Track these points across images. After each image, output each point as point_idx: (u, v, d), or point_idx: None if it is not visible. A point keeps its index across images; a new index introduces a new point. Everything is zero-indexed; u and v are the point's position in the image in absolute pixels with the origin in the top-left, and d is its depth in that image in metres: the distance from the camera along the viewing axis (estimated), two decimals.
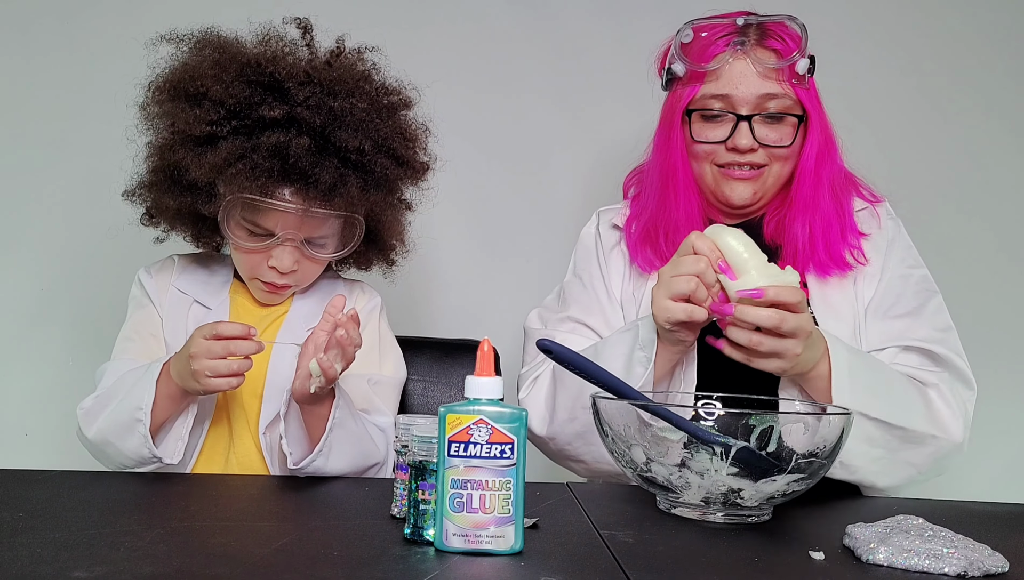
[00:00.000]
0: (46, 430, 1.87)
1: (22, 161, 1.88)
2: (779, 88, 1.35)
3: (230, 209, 1.31)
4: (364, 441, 1.29)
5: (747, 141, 1.35)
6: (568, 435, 1.36)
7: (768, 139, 1.37)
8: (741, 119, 1.35)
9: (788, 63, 1.35)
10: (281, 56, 1.31)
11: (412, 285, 1.59)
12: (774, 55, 1.36)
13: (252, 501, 1.12)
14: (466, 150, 1.89)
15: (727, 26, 1.37)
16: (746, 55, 1.35)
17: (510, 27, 2.01)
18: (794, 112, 1.37)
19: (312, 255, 1.36)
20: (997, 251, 2.06)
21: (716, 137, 1.37)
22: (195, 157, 1.28)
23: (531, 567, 0.83)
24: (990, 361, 1.87)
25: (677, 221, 1.41)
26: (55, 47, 1.89)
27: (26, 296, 1.89)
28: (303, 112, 1.27)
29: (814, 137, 1.38)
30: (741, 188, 1.39)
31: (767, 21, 1.38)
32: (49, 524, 0.92)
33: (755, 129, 1.35)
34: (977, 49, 2.07)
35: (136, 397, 1.23)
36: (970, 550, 0.88)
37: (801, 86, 1.36)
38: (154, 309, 1.41)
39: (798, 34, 1.37)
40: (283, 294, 1.41)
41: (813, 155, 1.38)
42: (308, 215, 1.30)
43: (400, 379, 1.48)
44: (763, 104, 1.35)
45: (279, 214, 1.30)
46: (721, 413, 1.07)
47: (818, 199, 1.39)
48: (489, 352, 0.89)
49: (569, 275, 1.55)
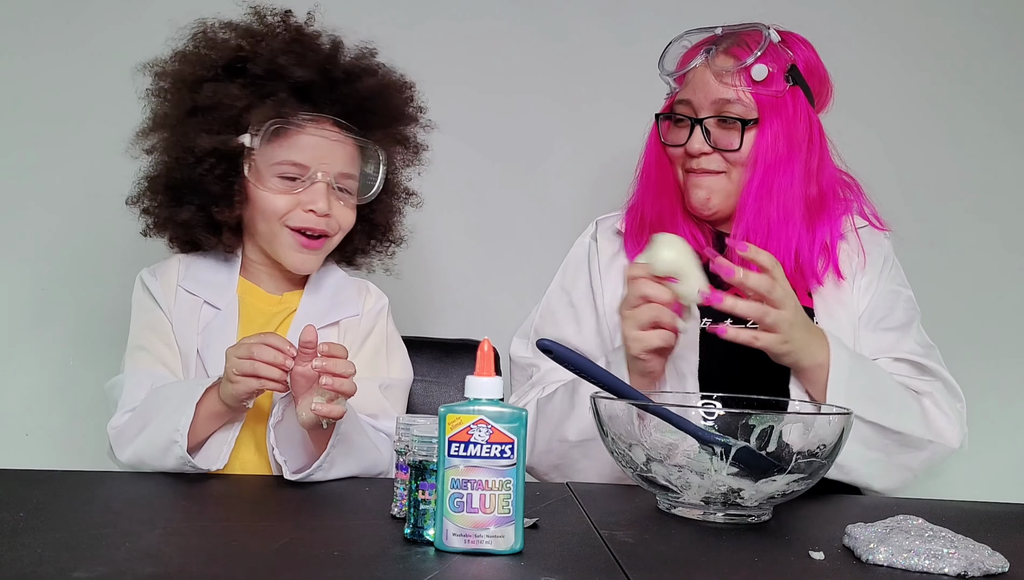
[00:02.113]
0: (46, 430, 1.87)
1: (22, 161, 1.88)
2: (733, 93, 1.35)
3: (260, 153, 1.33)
4: (370, 453, 1.27)
5: (698, 145, 1.36)
6: (545, 466, 1.37)
7: (721, 143, 1.36)
8: (695, 122, 1.37)
9: (742, 65, 1.34)
10: None
11: (412, 285, 1.59)
12: (732, 60, 1.36)
13: (252, 501, 1.12)
14: (466, 150, 1.90)
15: (709, 37, 1.40)
16: (710, 62, 1.37)
17: (510, 27, 2.00)
18: (744, 117, 1.35)
19: (343, 196, 1.37)
20: (997, 250, 2.06)
21: (677, 140, 1.40)
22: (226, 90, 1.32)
23: (531, 567, 0.84)
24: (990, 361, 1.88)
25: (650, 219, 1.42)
26: (55, 47, 1.89)
27: (26, 296, 1.88)
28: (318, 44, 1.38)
29: (764, 144, 1.35)
30: (697, 191, 1.39)
31: (742, 30, 1.38)
32: (49, 524, 0.92)
33: (711, 133, 1.36)
34: (978, 49, 2.07)
35: (175, 420, 1.20)
36: (970, 550, 0.88)
37: (764, 93, 1.35)
38: (162, 313, 1.38)
39: (761, 39, 1.35)
40: (318, 252, 1.39)
41: (761, 164, 1.35)
42: (340, 141, 1.35)
43: (408, 380, 1.48)
44: (720, 108, 1.36)
45: (313, 144, 1.33)
46: (721, 413, 1.07)
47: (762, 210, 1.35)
48: (489, 352, 0.89)
49: (555, 288, 1.52)
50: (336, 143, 1.36)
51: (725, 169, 1.37)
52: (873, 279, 1.42)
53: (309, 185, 1.34)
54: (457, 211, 1.93)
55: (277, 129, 1.33)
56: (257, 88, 1.33)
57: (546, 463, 1.36)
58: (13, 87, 1.88)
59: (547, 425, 1.35)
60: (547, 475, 1.38)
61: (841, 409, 1.07)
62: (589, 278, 1.49)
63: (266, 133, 1.32)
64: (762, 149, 1.36)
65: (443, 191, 1.50)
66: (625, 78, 1.99)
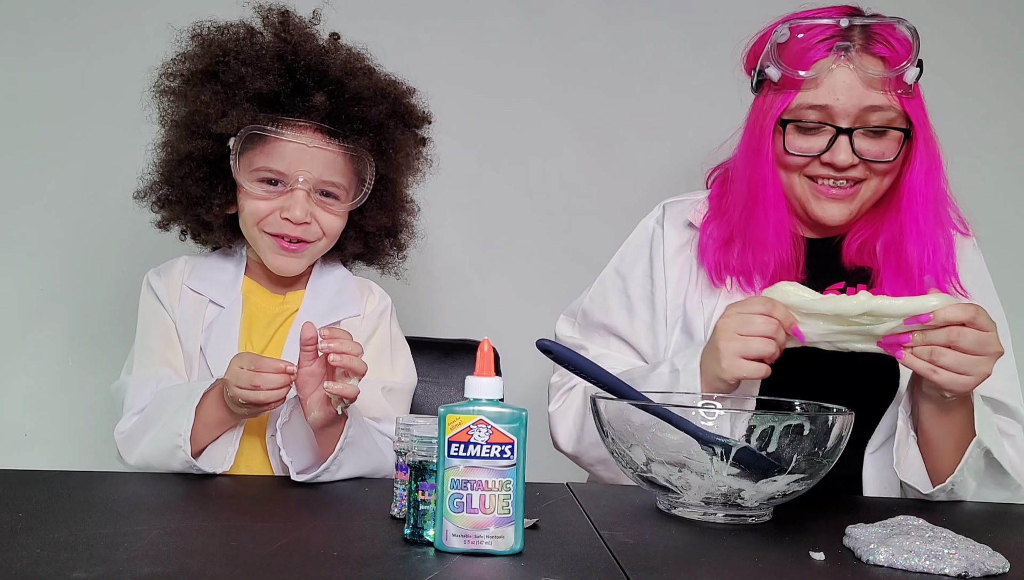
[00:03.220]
0: (46, 430, 1.87)
1: (22, 161, 1.88)
2: (884, 100, 1.25)
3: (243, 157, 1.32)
4: (375, 456, 1.27)
5: (846, 157, 1.25)
6: (592, 458, 1.34)
7: (868, 153, 1.27)
8: (841, 132, 1.25)
9: (896, 73, 1.24)
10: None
11: (412, 285, 1.58)
12: (881, 63, 1.25)
13: (252, 501, 1.12)
14: (467, 151, 1.89)
15: (829, 27, 1.26)
16: (849, 62, 1.24)
17: (510, 29, 2.00)
18: (899, 125, 1.27)
19: (324, 203, 1.35)
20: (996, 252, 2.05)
21: (812, 150, 1.28)
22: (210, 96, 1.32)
23: (531, 567, 0.83)
24: None
25: (764, 238, 1.32)
26: (55, 47, 1.89)
27: (26, 296, 1.88)
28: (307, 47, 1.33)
29: (920, 152, 1.28)
30: (834, 209, 1.30)
31: (874, 23, 1.26)
32: (49, 524, 0.92)
33: (855, 143, 1.25)
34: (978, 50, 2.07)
35: (176, 424, 1.21)
36: (971, 551, 0.88)
37: (907, 96, 1.26)
38: (166, 314, 1.39)
39: (907, 39, 1.26)
40: (298, 256, 1.38)
41: (922, 172, 1.28)
42: (319, 150, 1.32)
43: (411, 384, 1.47)
44: (865, 117, 1.25)
45: (291, 150, 1.31)
46: (721, 413, 1.07)
47: (930, 222, 1.29)
48: (489, 352, 0.89)
49: (611, 271, 1.45)
50: (317, 149, 1.33)
51: (865, 178, 1.29)
52: (973, 300, 1.29)
53: (288, 191, 1.33)
54: (457, 211, 1.93)
55: (254, 136, 1.32)
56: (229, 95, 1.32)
57: (594, 455, 1.32)
58: (13, 87, 1.88)
59: None
60: (592, 468, 1.34)
61: (841, 409, 1.07)
62: (650, 267, 1.41)
63: (240, 140, 1.32)
64: (918, 158, 1.28)
65: (444, 192, 1.49)
66: (627, 80, 1.99)
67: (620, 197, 1.55)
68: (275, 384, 1.17)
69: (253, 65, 1.32)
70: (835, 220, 1.31)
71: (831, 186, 1.30)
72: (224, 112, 1.32)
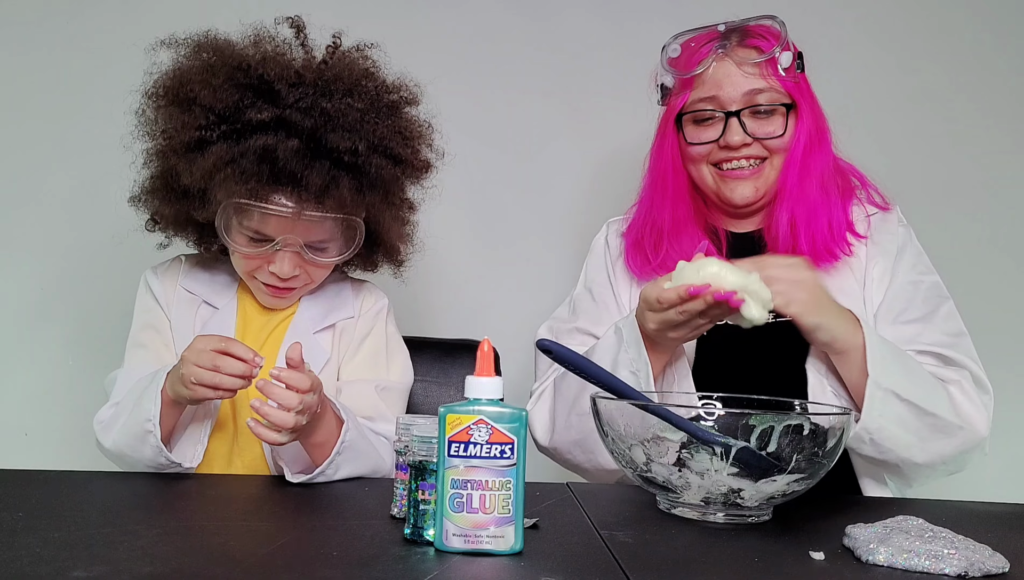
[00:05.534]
0: (46, 430, 1.87)
1: (22, 161, 1.88)
2: (764, 83, 1.38)
3: (227, 216, 1.30)
4: (371, 457, 1.27)
5: (738, 137, 1.38)
6: (567, 443, 1.36)
7: (760, 132, 1.39)
8: (730, 116, 1.38)
9: (769, 56, 1.37)
10: (272, 57, 1.29)
11: (413, 285, 1.58)
12: (755, 52, 1.38)
13: (252, 501, 1.12)
14: (468, 151, 1.89)
15: (710, 33, 1.41)
16: (728, 56, 1.39)
17: (514, 27, 2.01)
18: (783, 103, 1.39)
19: (313, 260, 1.33)
20: (996, 250, 2.06)
21: (708, 137, 1.40)
22: (186, 163, 1.27)
23: (531, 567, 0.83)
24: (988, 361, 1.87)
25: (662, 226, 1.43)
26: (55, 47, 1.89)
27: (26, 296, 1.89)
28: (293, 114, 1.25)
29: (803, 127, 1.40)
30: (742, 187, 1.40)
31: (747, 24, 1.41)
32: (49, 524, 0.92)
33: (745, 124, 1.38)
34: (977, 48, 2.07)
35: (144, 408, 1.21)
36: (971, 551, 0.88)
37: (788, 79, 1.39)
38: (162, 312, 1.40)
39: (777, 29, 1.40)
40: (288, 298, 1.39)
41: (801, 145, 1.40)
42: (303, 218, 1.28)
43: (407, 383, 1.46)
44: (751, 99, 1.38)
45: (275, 218, 1.28)
46: (721, 413, 1.07)
47: (805, 188, 1.40)
48: (489, 352, 0.89)
49: (580, 286, 1.56)
50: (303, 217, 1.28)
51: (766, 156, 1.40)
52: (887, 269, 1.41)
53: (275, 251, 1.31)
54: (459, 212, 1.93)
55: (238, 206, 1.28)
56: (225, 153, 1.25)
57: (567, 440, 1.35)
58: (13, 87, 1.88)
59: (564, 402, 1.35)
60: (570, 454, 1.37)
61: (841, 409, 1.07)
62: (607, 274, 1.52)
63: (225, 211, 1.29)
64: (801, 131, 1.40)
65: (444, 192, 1.49)
66: (629, 81, 1.97)
67: (621, 197, 1.56)
68: (235, 371, 1.15)
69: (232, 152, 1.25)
70: (745, 198, 1.41)
71: (734, 169, 1.40)
72: (208, 186, 1.27)
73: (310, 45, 1.36)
